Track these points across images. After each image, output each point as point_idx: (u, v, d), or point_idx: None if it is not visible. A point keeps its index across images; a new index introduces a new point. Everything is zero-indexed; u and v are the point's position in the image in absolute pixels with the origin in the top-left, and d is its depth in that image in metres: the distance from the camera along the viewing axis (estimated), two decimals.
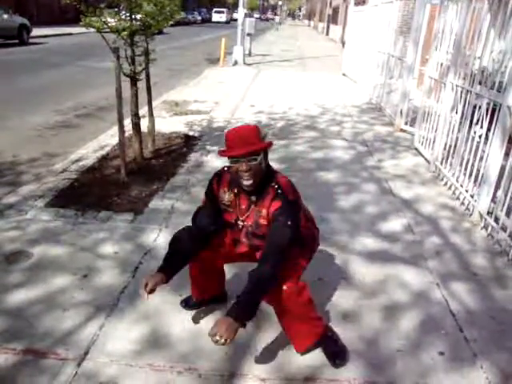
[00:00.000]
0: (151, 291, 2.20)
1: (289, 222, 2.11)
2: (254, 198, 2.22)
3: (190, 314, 2.65)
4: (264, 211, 2.19)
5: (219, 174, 2.34)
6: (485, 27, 4.24)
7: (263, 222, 2.21)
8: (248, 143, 2.07)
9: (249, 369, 2.29)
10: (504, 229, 3.61)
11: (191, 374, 2.24)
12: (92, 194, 4.14)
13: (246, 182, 2.11)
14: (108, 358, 2.30)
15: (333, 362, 2.34)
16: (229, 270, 2.82)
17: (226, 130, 5.89)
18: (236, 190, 2.25)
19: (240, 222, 2.30)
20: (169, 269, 2.31)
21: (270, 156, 5.81)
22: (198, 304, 2.70)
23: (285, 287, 2.13)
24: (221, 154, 2.16)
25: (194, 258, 2.44)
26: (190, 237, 2.38)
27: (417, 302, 2.88)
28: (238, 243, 2.42)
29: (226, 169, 2.30)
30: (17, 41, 17.00)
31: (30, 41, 17.78)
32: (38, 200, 3.96)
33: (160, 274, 2.26)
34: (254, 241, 2.31)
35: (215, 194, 2.34)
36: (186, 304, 2.70)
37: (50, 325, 2.50)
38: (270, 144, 2.22)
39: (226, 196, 2.29)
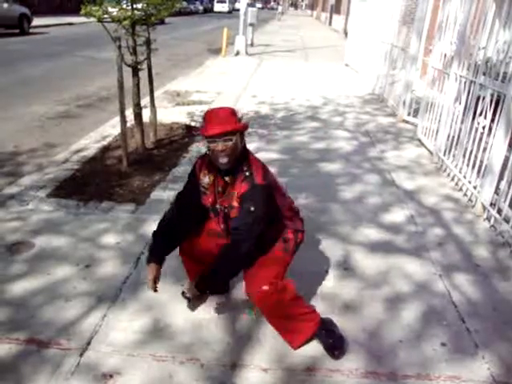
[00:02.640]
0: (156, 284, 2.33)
1: (252, 208, 2.14)
2: (227, 179, 2.24)
3: (192, 304, 2.65)
4: (235, 193, 2.21)
5: (202, 157, 2.39)
6: (489, 17, 4.19)
7: (235, 203, 2.22)
8: (224, 123, 2.11)
9: (251, 359, 2.30)
10: (507, 220, 3.59)
11: (193, 365, 2.24)
12: (94, 184, 4.13)
13: (221, 160, 2.13)
14: (110, 348, 2.30)
15: (331, 353, 2.34)
16: None
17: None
18: (215, 173, 2.28)
19: (218, 206, 2.31)
20: (158, 258, 2.38)
21: (272, 146, 5.83)
22: (200, 296, 2.69)
23: (265, 287, 2.14)
24: (199, 132, 2.24)
25: (182, 250, 2.50)
26: (172, 220, 2.43)
27: (419, 293, 2.88)
28: (219, 235, 2.40)
29: (208, 152, 2.28)
30: (17, 30, 16.92)
31: (31, 30, 17.71)
32: (39, 190, 3.96)
33: (154, 266, 2.34)
34: (229, 225, 2.31)
35: (196, 176, 2.36)
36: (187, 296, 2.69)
37: (52, 315, 2.51)
38: (246, 126, 2.25)
39: (206, 179, 2.32)
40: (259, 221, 2.18)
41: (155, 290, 2.35)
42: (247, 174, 2.19)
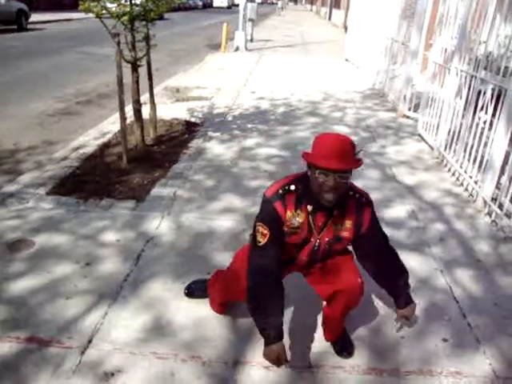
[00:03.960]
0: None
1: (379, 226, 2.20)
2: (335, 213, 2.02)
3: (193, 302, 2.64)
4: (349, 222, 2.05)
5: (282, 197, 2.01)
6: (491, 11, 4.17)
7: (346, 234, 2.08)
8: (347, 159, 1.86)
9: (252, 356, 2.29)
10: (508, 215, 3.59)
11: (195, 362, 2.24)
12: (93, 181, 4.12)
13: (327, 197, 1.88)
14: (112, 346, 2.30)
15: (341, 353, 2.33)
16: None
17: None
18: (310, 208, 2.01)
19: (316, 240, 2.09)
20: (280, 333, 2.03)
21: (272, 142, 5.80)
22: (201, 294, 2.68)
23: (360, 280, 2.12)
24: (313, 161, 1.88)
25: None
26: (277, 281, 2.08)
27: (420, 289, 2.87)
28: (292, 262, 2.22)
29: (287, 188, 2.02)
30: (15, 26, 16.79)
31: (29, 27, 17.60)
32: (39, 188, 3.94)
33: (281, 344, 2.00)
34: (318, 257, 2.17)
35: (282, 219, 2.02)
36: (189, 292, 2.69)
37: (53, 313, 2.50)
38: (362, 162, 1.97)
39: (297, 218, 2.02)
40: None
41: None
42: (363, 199, 2.08)
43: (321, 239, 2.09)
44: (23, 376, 2.10)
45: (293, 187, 2.01)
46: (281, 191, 2.01)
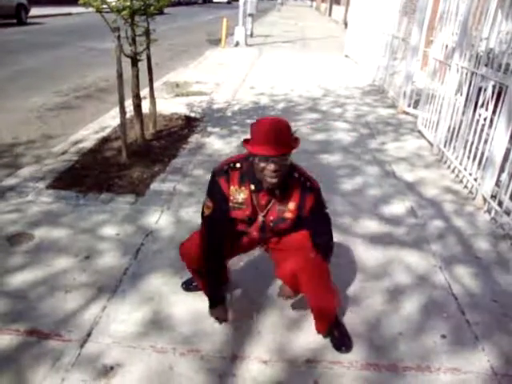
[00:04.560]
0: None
1: (326, 211, 2.24)
2: (277, 193, 2.11)
3: (192, 296, 2.65)
4: (292, 204, 2.13)
5: (226, 172, 2.16)
6: (492, 7, 4.16)
7: (289, 215, 2.16)
8: (284, 142, 1.94)
9: (251, 351, 2.30)
10: (507, 212, 3.59)
11: (193, 356, 2.24)
12: (93, 175, 4.11)
13: (271, 181, 1.98)
14: (111, 339, 2.30)
15: (338, 348, 2.33)
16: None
17: (252, 121, 5.71)
18: (253, 187, 2.12)
19: (260, 217, 2.20)
20: (222, 298, 2.35)
21: None
22: (199, 288, 2.68)
23: (312, 255, 2.17)
24: (251, 149, 1.98)
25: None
26: (214, 250, 2.25)
27: (419, 286, 2.87)
28: (241, 236, 2.36)
29: (232, 165, 2.15)
30: (15, 20, 16.75)
31: (29, 21, 17.53)
32: (38, 182, 3.94)
33: (222, 308, 2.33)
34: (267, 233, 2.28)
35: (225, 193, 2.16)
36: (187, 286, 2.70)
37: (52, 306, 2.50)
38: (299, 142, 2.07)
39: (239, 194, 2.15)
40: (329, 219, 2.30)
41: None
42: (308, 184, 2.14)
43: (265, 218, 2.19)
44: (23, 368, 2.10)
45: (238, 165, 2.14)
46: (226, 167, 2.17)
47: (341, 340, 2.36)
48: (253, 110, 6.64)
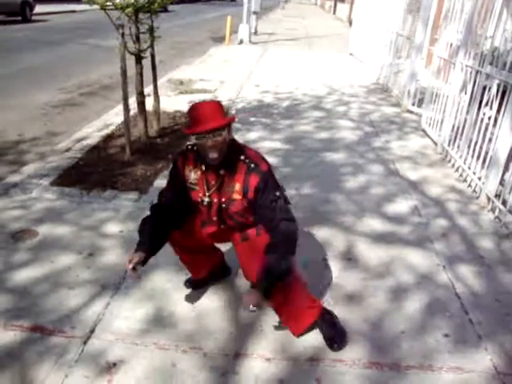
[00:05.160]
0: (133, 269, 2.17)
1: (276, 193, 2.18)
2: (222, 172, 2.20)
3: (195, 293, 2.65)
4: (238, 185, 2.19)
5: (183, 153, 2.32)
6: (497, 5, 4.13)
7: (237, 196, 2.20)
8: (212, 119, 2.06)
9: (254, 348, 2.30)
10: (511, 211, 3.58)
11: (196, 354, 2.25)
12: (97, 172, 4.12)
13: (211, 156, 2.10)
14: (114, 336, 2.31)
15: (330, 345, 2.33)
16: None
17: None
18: (203, 167, 2.23)
19: (206, 199, 2.26)
20: (144, 248, 2.26)
21: (276, 136, 5.80)
22: (201, 283, 2.70)
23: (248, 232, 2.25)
24: (186, 131, 2.14)
25: (172, 241, 2.41)
26: (157, 216, 2.33)
27: (422, 284, 2.87)
28: (205, 224, 2.37)
29: (189, 147, 2.28)
30: (19, 18, 16.79)
31: (33, 18, 17.57)
32: (42, 179, 3.95)
33: (141, 253, 2.22)
34: (226, 219, 2.29)
35: (180, 173, 2.30)
36: (190, 284, 2.70)
37: (55, 303, 2.51)
38: (233, 119, 2.24)
39: (193, 174, 2.27)
40: (286, 201, 2.24)
41: (133, 274, 2.20)
42: (252, 165, 2.17)
43: (218, 199, 2.25)
44: (26, 364, 2.11)
45: (195, 147, 2.21)
46: (184, 149, 2.34)
47: (332, 337, 2.36)
48: (257, 108, 6.64)
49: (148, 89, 5.47)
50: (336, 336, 2.37)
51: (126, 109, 4.34)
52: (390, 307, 2.65)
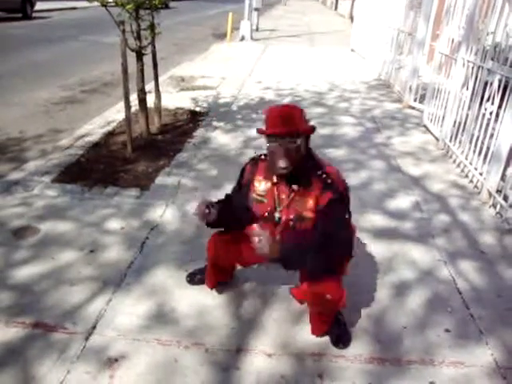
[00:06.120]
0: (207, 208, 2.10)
1: (346, 215, 2.07)
2: (295, 187, 2.06)
3: (197, 289, 2.66)
4: (311, 203, 2.04)
5: (254, 161, 2.20)
6: (499, 1, 4.12)
7: (308, 214, 2.06)
8: (290, 123, 1.93)
9: (255, 344, 2.30)
10: None
11: (198, 349, 2.25)
12: (98, 169, 4.13)
13: (281, 165, 1.95)
14: (115, 332, 2.32)
15: (336, 344, 2.33)
16: None
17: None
18: (275, 179, 2.10)
19: (277, 214, 2.13)
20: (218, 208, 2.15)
21: None
22: (203, 281, 2.69)
23: (328, 296, 2.04)
24: (259, 131, 2.02)
25: (215, 245, 2.34)
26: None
27: (424, 280, 2.87)
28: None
29: (262, 157, 2.16)
30: (20, 15, 16.74)
31: (34, 15, 17.53)
32: (44, 176, 3.96)
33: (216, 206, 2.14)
34: (290, 239, 2.12)
35: (247, 182, 2.18)
36: (191, 280, 2.71)
37: (57, 299, 2.52)
38: (313, 129, 2.04)
39: (262, 186, 2.14)
40: (347, 227, 2.12)
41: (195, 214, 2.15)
42: (328, 181, 2.02)
43: (285, 215, 2.11)
44: (29, 360, 2.12)
45: (267, 157, 2.09)
46: (256, 157, 2.23)
47: (339, 336, 2.36)
48: (259, 105, 6.63)
49: (149, 85, 5.47)
50: (342, 335, 2.37)
51: (128, 106, 4.34)
52: (392, 302, 2.65)
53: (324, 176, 2.03)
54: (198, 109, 6.27)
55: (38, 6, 18.39)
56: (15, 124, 5.55)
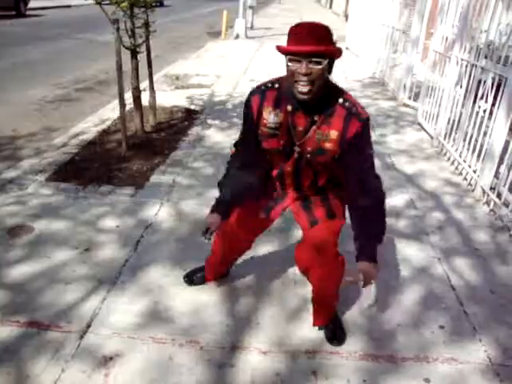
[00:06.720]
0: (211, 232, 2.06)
1: (371, 150, 1.93)
2: (316, 118, 1.84)
3: (192, 288, 2.66)
4: (333, 133, 1.83)
5: (260, 91, 1.94)
6: None
7: (330, 146, 1.86)
8: (315, 41, 1.67)
9: (250, 341, 2.31)
10: (506, 204, 3.59)
11: (192, 347, 2.26)
12: (93, 168, 4.12)
13: (302, 89, 1.72)
14: (110, 330, 2.31)
15: (331, 340, 2.33)
16: None
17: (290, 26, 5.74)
18: (290, 108, 1.86)
19: (296, 148, 1.92)
20: (222, 209, 2.10)
21: None
22: (202, 281, 2.69)
23: (340, 258, 2.15)
24: (280, 49, 1.76)
25: (223, 229, 2.20)
26: (236, 172, 2.11)
27: (418, 277, 2.89)
28: (273, 205, 2.19)
29: (269, 85, 1.93)
30: (14, 12, 16.64)
31: (28, 13, 17.44)
32: (38, 174, 3.94)
33: (217, 216, 2.07)
34: (304, 178, 2.02)
35: (255, 116, 1.94)
36: (189, 280, 2.70)
37: (52, 298, 2.51)
38: (340, 51, 1.78)
39: (272, 116, 1.89)
40: (374, 169, 2.02)
41: (209, 239, 2.07)
42: (354, 110, 1.82)
43: (302, 147, 1.91)
44: (23, 359, 2.12)
45: (276, 85, 1.91)
46: (263, 87, 1.95)
47: (334, 333, 2.37)
48: None
49: (144, 84, 5.46)
50: (337, 331, 2.38)
51: (122, 104, 4.32)
52: (386, 299, 2.66)
53: (347, 104, 1.84)
54: (192, 107, 6.27)
55: (32, 3, 18.28)
56: (8, 122, 5.51)
